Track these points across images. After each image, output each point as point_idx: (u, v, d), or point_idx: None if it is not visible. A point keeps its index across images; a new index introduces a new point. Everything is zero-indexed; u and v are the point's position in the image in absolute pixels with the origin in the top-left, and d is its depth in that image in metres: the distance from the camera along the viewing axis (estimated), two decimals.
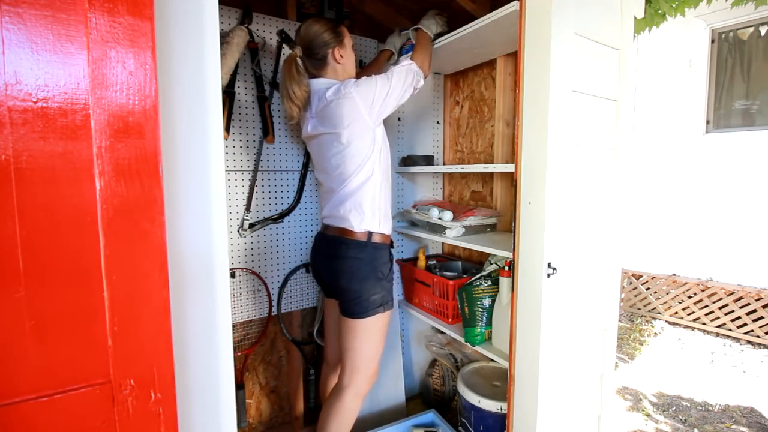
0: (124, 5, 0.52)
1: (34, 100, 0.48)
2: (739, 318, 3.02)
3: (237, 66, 1.55)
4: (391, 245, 1.42)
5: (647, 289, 3.51)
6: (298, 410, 1.84)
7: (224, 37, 1.43)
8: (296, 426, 1.84)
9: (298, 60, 1.34)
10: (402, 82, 1.36)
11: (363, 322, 1.32)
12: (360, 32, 1.89)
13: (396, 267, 2.06)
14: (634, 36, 1.59)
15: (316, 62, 1.37)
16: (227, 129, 1.56)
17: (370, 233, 1.33)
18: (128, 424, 0.56)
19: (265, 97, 1.63)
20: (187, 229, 0.65)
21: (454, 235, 1.64)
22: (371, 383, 1.39)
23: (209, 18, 0.64)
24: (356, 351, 1.33)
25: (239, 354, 1.68)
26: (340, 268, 1.33)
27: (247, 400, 1.76)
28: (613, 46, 1.35)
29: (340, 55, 1.37)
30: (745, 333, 2.99)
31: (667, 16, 2.09)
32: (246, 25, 1.53)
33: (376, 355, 1.37)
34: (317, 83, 1.37)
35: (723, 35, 3.48)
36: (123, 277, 0.54)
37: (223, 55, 1.40)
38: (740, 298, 3.02)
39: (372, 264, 1.33)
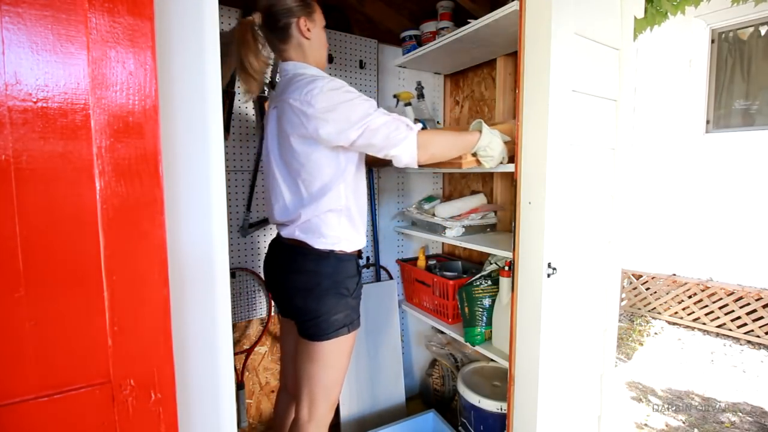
0: (124, 5, 0.52)
1: (34, 100, 0.48)
2: (739, 318, 3.02)
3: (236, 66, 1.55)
4: (359, 256, 1.23)
5: (647, 289, 3.51)
6: None
7: (224, 37, 1.43)
8: None
9: (255, 27, 1.12)
10: (380, 132, 1.05)
11: (323, 346, 1.12)
12: (360, 32, 1.89)
13: (396, 268, 2.06)
14: (635, 36, 1.59)
15: (277, 34, 1.13)
16: (227, 129, 1.56)
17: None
18: (128, 424, 0.56)
19: (265, 97, 1.63)
20: (187, 229, 0.65)
21: (454, 235, 1.64)
22: (333, 411, 1.20)
23: (209, 18, 0.64)
24: (315, 379, 1.13)
25: (239, 354, 1.69)
26: (297, 284, 1.13)
27: (247, 400, 1.76)
28: (613, 46, 1.35)
29: (307, 29, 1.13)
30: (745, 333, 2.99)
31: (668, 14, 2.09)
32: None
33: (337, 382, 1.17)
34: (285, 66, 1.16)
35: (723, 35, 3.48)
36: (123, 277, 0.54)
37: (223, 55, 1.39)
38: (740, 298, 3.02)
39: (334, 278, 1.12)
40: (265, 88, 1.64)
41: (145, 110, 0.54)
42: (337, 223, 1.13)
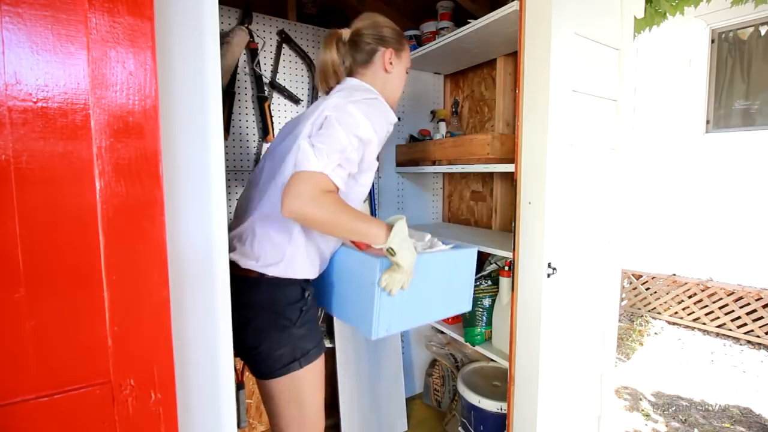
0: (124, 5, 0.52)
1: (34, 100, 0.48)
2: (739, 318, 3.02)
3: (237, 66, 1.55)
4: (306, 281, 1.03)
5: (647, 289, 3.51)
6: None
7: (224, 37, 1.43)
8: None
9: (341, 41, 1.09)
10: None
11: (275, 384, 0.98)
12: None
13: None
14: (634, 36, 1.59)
15: (360, 56, 1.08)
16: (227, 129, 1.56)
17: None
18: (128, 424, 0.56)
19: (265, 97, 1.63)
20: (187, 229, 0.65)
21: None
22: None
23: (209, 18, 0.64)
24: (283, 418, 1.01)
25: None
26: (233, 320, 0.87)
27: (247, 400, 1.76)
28: (613, 45, 1.35)
29: (390, 62, 1.09)
30: (745, 333, 2.99)
31: (667, 14, 2.09)
32: (246, 25, 1.53)
33: (311, 418, 1.02)
34: (348, 80, 1.10)
35: (723, 35, 3.48)
36: (123, 277, 0.54)
37: (222, 55, 1.38)
38: (740, 298, 3.02)
39: (270, 308, 0.97)
40: (265, 87, 1.64)
41: (145, 110, 0.54)
42: (267, 240, 0.97)
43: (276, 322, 0.97)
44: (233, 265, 0.92)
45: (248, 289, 0.96)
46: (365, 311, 1.01)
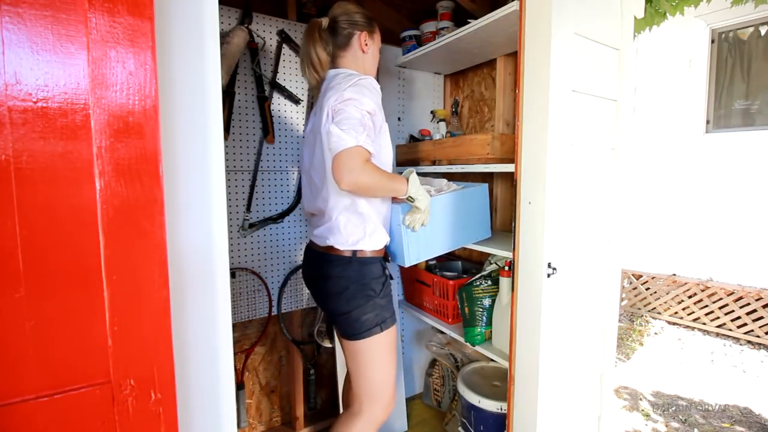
0: (124, 5, 0.52)
1: (34, 100, 0.48)
2: (739, 318, 3.02)
3: (237, 66, 1.55)
4: (385, 258, 1.29)
5: (647, 289, 3.51)
6: (299, 410, 1.84)
7: (224, 37, 1.43)
8: (296, 426, 1.84)
9: (321, 28, 1.24)
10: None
11: (360, 344, 1.19)
12: None
13: (396, 268, 2.06)
14: (634, 36, 1.59)
15: (339, 41, 1.24)
16: (227, 129, 1.56)
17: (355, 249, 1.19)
18: (128, 424, 0.56)
19: (265, 97, 1.63)
20: (187, 229, 0.65)
21: None
22: (387, 410, 1.23)
23: (209, 18, 0.64)
24: (361, 376, 1.21)
25: (239, 354, 1.69)
26: (326, 289, 1.21)
27: (247, 400, 1.76)
28: (613, 46, 1.35)
29: (366, 43, 1.26)
30: (745, 333, 2.99)
31: (667, 14, 2.09)
32: (246, 25, 1.53)
33: (384, 378, 1.22)
34: (333, 72, 1.25)
35: (723, 35, 3.48)
36: (123, 277, 0.54)
37: (223, 55, 1.39)
38: (740, 298, 3.02)
39: (359, 282, 1.18)
40: (266, 87, 1.64)
41: (145, 110, 0.54)
42: (351, 222, 1.18)
43: (364, 293, 1.18)
44: (331, 248, 1.19)
45: (343, 265, 1.19)
46: (398, 246, 1.30)
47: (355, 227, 1.19)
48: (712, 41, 3.51)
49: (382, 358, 1.21)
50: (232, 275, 1.64)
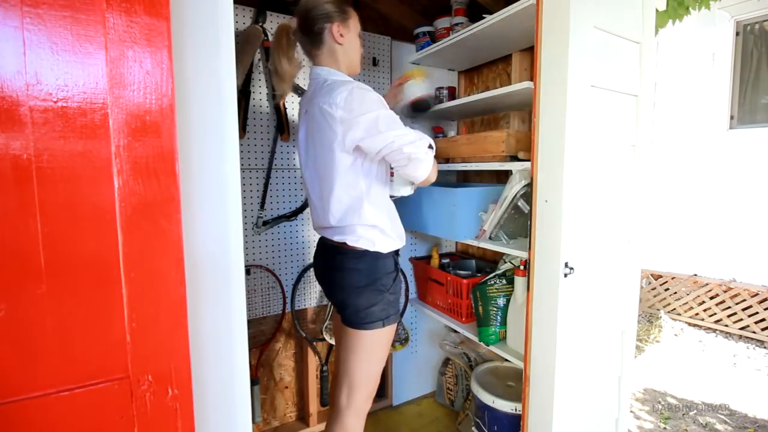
0: (141, 5, 0.52)
1: (54, 99, 0.49)
2: (763, 320, 2.92)
3: (252, 65, 1.56)
4: (397, 253, 1.28)
5: (666, 290, 3.43)
6: (312, 407, 1.85)
7: (239, 36, 1.44)
8: (309, 422, 1.85)
9: (291, 32, 1.19)
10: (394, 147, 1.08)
11: (360, 334, 1.19)
12: (373, 29, 1.88)
13: (409, 267, 2.06)
14: (656, 30, 1.54)
15: (311, 38, 1.17)
16: (243, 128, 1.57)
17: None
18: (146, 419, 0.57)
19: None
20: (203, 226, 0.65)
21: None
22: (370, 402, 1.28)
23: (224, 17, 0.64)
24: (355, 366, 1.22)
25: (254, 350, 1.70)
26: (337, 281, 1.22)
27: (261, 396, 1.78)
28: (634, 39, 1.31)
29: (340, 34, 1.16)
30: None
31: (690, 9, 2.03)
32: (260, 24, 1.54)
33: (373, 370, 1.25)
34: (316, 71, 1.19)
35: (748, 27, 3.36)
36: (141, 275, 0.55)
37: (237, 54, 1.39)
38: (765, 300, 2.92)
39: (371, 276, 1.19)
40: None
41: (161, 109, 0.54)
42: (368, 232, 1.18)
43: (375, 287, 1.19)
44: (342, 243, 1.19)
45: (357, 259, 1.19)
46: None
47: (366, 234, 1.19)
48: (737, 34, 3.39)
49: (376, 352, 1.23)
50: (247, 272, 1.65)
